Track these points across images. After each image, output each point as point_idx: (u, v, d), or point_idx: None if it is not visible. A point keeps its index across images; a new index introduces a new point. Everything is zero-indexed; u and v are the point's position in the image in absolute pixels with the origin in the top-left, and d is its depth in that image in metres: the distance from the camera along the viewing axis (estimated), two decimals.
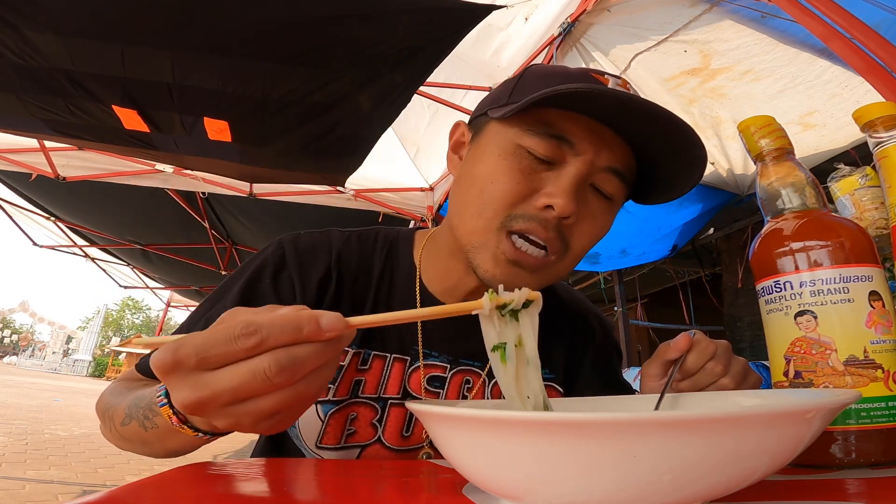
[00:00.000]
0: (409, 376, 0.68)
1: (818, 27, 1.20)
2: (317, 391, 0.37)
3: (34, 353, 50.38)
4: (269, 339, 0.33)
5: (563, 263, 0.62)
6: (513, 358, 0.37)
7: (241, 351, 0.33)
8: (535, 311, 0.39)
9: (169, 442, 0.49)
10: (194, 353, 0.33)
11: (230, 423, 0.36)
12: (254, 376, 0.33)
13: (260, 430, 0.37)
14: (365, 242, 0.73)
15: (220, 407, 0.34)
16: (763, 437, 0.26)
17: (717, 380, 0.55)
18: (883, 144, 0.51)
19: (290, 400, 0.35)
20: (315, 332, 0.34)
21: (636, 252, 3.41)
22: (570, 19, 2.13)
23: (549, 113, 0.57)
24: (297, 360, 0.34)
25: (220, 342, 0.33)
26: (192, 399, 0.34)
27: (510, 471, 0.28)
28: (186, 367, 0.33)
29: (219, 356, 0.33)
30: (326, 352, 0.35)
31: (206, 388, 0.33)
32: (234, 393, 0.33)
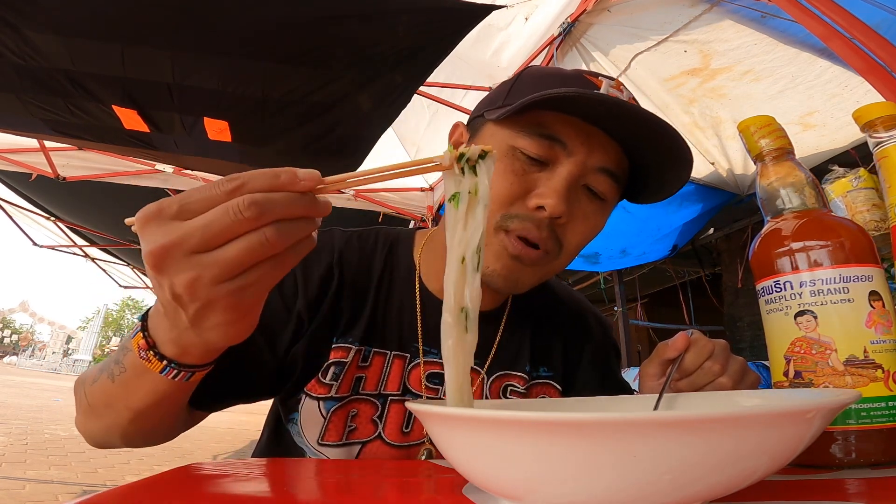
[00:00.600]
0: (409, 373, 0.68)
1: (818, 27, 1.21)
2: (284, 247, 0.36)
3: (34, 353, 50.39)
4: (248, 182, 0.34)
5: (559, 261, 0.63)
6: (464, 199, 0.39)
7: (221, 194, 0.34)
8: (490, 163, 0.40)
9: (134, 393, 0.47)
10: (177, 200, 0.34)
11: (191, 278, 0.35)
12: (226, 211, 0.33)
13: (221, 299, 0.36)
14: (365, 242, 0.74)
15: (185, 254, 0.34)
16: (763, 437, 0.26)
17: (714, 379, 0.56)
18: (883, 144, 0.51)
19: (257, 248, 0.34)
20: (291, 180, 0.35)
21: (636, 252, 3.41)
22: (570, 19, 2.13)
23: (543, 115, 0.58)
24: (270, 200, 0.34)
25: (203, 189, 0.34)
26: (161, 242, 0.34)
27: (510, 471, 0.28)
28: (167, 213, 0.34)
29: (199, 201, 0.34)
30: (300, 203, 0.36)
31: (177, 230, 0.34)
32: (203, 231, 0.34)
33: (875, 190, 1.94)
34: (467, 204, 0.39)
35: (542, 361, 0.76)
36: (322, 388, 0.65)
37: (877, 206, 1.91)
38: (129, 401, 0.48)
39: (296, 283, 0.67)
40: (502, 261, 0.60)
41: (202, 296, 0.36)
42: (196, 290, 0.35)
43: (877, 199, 1.92)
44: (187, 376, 0.44)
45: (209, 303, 0.36)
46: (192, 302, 0.36)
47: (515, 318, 0.76)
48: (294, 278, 0.67)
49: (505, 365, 0.73)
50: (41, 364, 42.56)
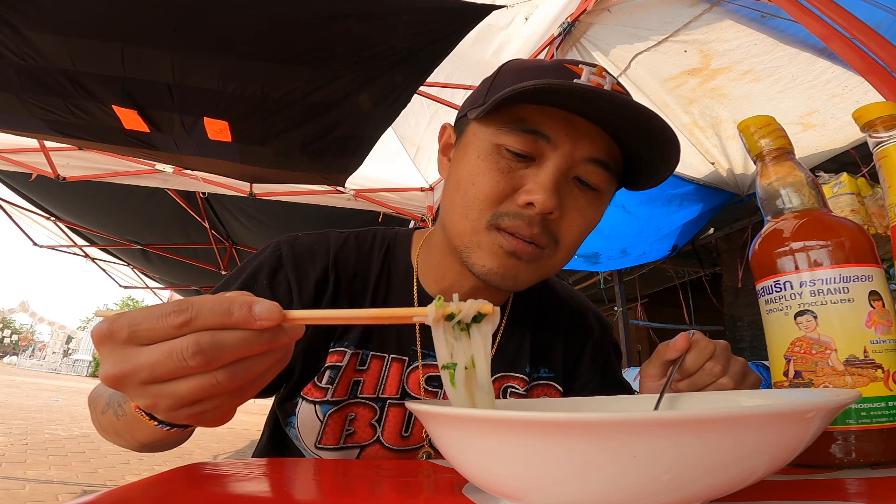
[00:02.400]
0: (408, 376, 0.68)
1: (818, 27, 1.20)
2: (241, 386, 0.34)
3: (34, 353, 50.35)
4: (196, 318, 0.32)
5: (557, 257, 0.61)
6: (461, 382, 0.34)
7: (168, 328, 0.32)
8: (487, 329, 0.36)
9: (137, 433, 0.48)
10: (127, 326, 0.33)
11: (148, 404, 0.35)
12: (170, 355, 0.32)
13: (181, 419, 0.36)
14: (362, 243, 0.73)
15: (138, 384, 0.33)
16: (763, 437, 0.26)
17: (715, 380, 0.55)
18: (883, 144, 0.51)
19: (208, 388, 0.33)
20: (246, 318, 0.32)
21: (636, 252, 3.41)
22: (570, 19, 2.13)
23: (524, 109, 0.57)
24: (219, 345, 0.32)
25: (151, 317, 0.33)
26: (113, 372, 0.33)
27: (510, 471, 0.28)
28: (118, 338, 0.33)
29: (147, 331, 0.33)
30: (257, 342, 0.33)
31: (126, 362, 0.33)
32: (151, 370, 0.32)
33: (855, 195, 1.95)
34: (464, 382, 0.34)
35: (543, 362, 0.76)
36: (318, 391, 0.65)
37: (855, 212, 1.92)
38: (136, 436, 0.49)
39: (290, 290, 0.66)
40: (498, 259, 0.59)
41: (162, 415, 0.35)
42: (156, 411, 0.35)
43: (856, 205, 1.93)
44: (181, 429, 0.44)
45: (172, 418, 0.36)
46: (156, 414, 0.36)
47: (515, 318, 0.76)
48: (288, 284, 0.66)
49: (505, 366, 0.73)
50: (41, 364, 42.54)
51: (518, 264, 0.59)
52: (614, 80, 0.58)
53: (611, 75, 0.59)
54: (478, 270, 0.60)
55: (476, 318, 0.35)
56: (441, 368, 0.36)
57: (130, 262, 5.78)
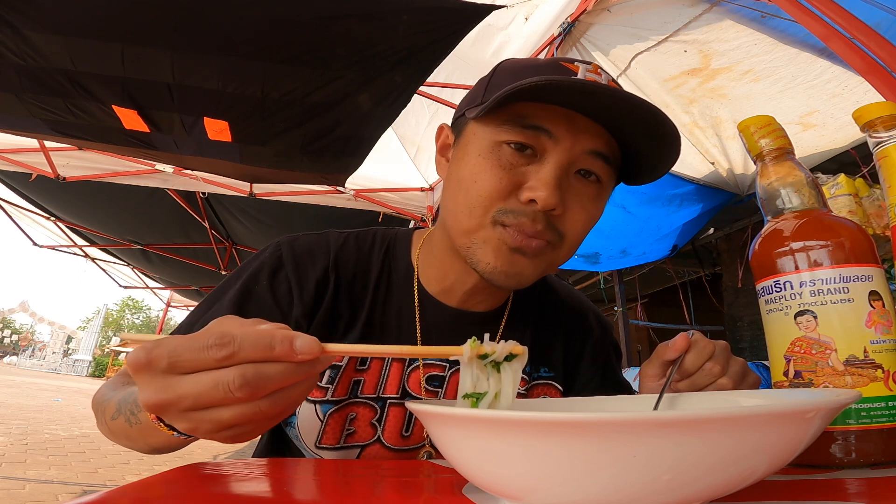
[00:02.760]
0: (408, 376, 0.68)
1: (818, 27, 1.20)
2: (281, 411, 0.36)
3: (34, 353, 50.34)
4: (239, 352, 0.33)
5: (561, 251, 0.61)
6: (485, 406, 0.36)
7: (211, 360, 0.33)
8: (518, 367, 0.38)
9: (151, 439, 0.49)
10: (166, 356, 0.34)
11: (189, 428, 0.36)
12: (216, 386, 0.33)
13: (219, 439, 0.38)
14: (362, 243, 0.73)
15: (180, 411, 0.35)
16: (763, 437, 0.26)
17: (715, 380, 0.55)
18: (883, 144, 0.51)
19: (250, 415, 0.35)
20: (287, 353, 0.34)
21: (636, 252, 3.41)
22: (570, 19, 2.13)
23: (523, 107, 0.57)
24: (263, 378, 0.34)
25: (193, 349, 0.34)
26: (154, 400, 0.34)
27: (510, 471, 0.28)
28: (157, 368, 0.34)
29: (189, 362, 0.34)
30: (297, 374, 0.35)
31: (169, 390, 0.34)
32: (195, 399, 0.34)
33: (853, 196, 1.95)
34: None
35: (543, 361, 0.76)
36: (318, 391, 0.65)
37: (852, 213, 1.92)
38: (148, 441, 0.50)
39: (291, 292, 0.66)
40: (502, 255, 0.58)
41: (201, 436, 0.38)
42: (196, 434, 0.37)
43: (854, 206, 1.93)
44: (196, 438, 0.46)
45: (209, 438, 0.38)
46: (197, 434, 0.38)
47: (515, 317, 0.76)
48: (289, 286, 0.66)
49: None
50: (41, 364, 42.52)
51: (522, 260, 0.59)
52: (610, 77, 0.58)
53: (606, 72, 0.59)
54: (482, 269, 0.60)
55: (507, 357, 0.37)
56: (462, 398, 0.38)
57: (130, 262, 5.78)
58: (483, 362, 0.37)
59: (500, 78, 0.61)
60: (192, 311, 0.69)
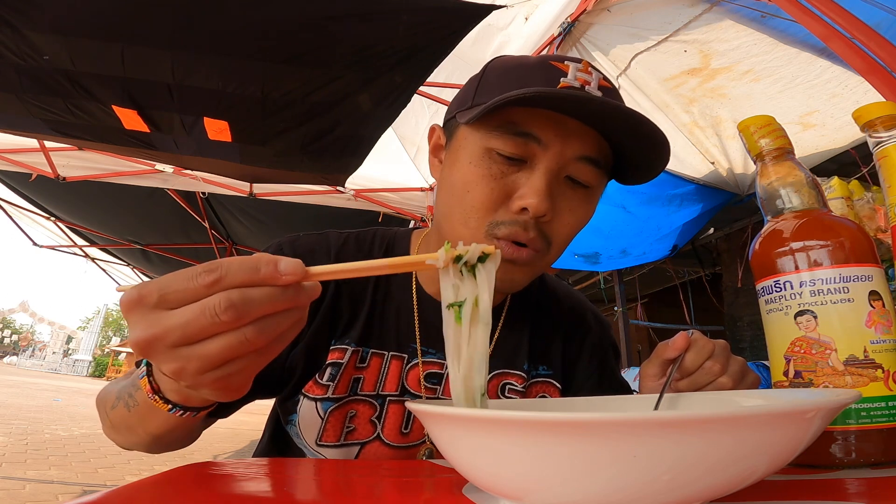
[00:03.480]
0: (407, 373, 0.68)
1: (818, 27, 1.20)
2: (268, 343, 0.36)
3: (34, 353, 50.35)
4: (226, 276, 0.33)
5: (549, 256, 0.62)
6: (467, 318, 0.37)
7: (199, 287, 0.33)
8: (491, 268, 0.38)
9: (149, 423, 0.49)
10: (156, 289, 0.34)
11: (176, 368, 0.35)
12: (202, 311, 0.33)
13: (206, 384, 0.36)
14: (362, 243, 0.74)
15: (167, 347, 0.34)
16: (763, 437, 0.26)
17: (715, 379, 0.55)
18: (883, 144, 0.51)
19: (237, 346, 0.34)
20: (272, 273, 0.34)
21: (636, 252, 3.41)
22: (570, 19, 2.13)
23: (513, 112, 0.57)
24: (248, 300, 0.33)
25: (181, 279, 0.34)
26: (144, 335, 0.34)
27: (510, 471, 0.28)
28: (148, 302, 0.34)
29: (178, 292, 0.33)
30: (282, 298, 0.35)
31: (158, 323, 0.34)
32: (182, 329, 0.33)
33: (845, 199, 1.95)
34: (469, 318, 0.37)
35: (541, 360, 0.76)
36: (319, 388, 0.65)
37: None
38: (147, 427, 0.50)
39: None
40: None
41: (189, 380, 0.36)
42: (181, 376, 0.36)
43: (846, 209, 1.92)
44: (193, 414, 0.46)
45: (197, 384, 0.37)
46: (181, 381, 0.37)
47: (513, 316, 0.76)
48: None
49: (503, 363, 0.73)
50: (41, 364, 42.54)
51: (514, 269, 0.60)
52: (601, 76, 0.58)
53: (597, 70, 0.59)
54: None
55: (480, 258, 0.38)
56: (446, 308, 0.38)
57: (130, 262, 5.78)
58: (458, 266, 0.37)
59: (490, 79, 0.61)
60: None
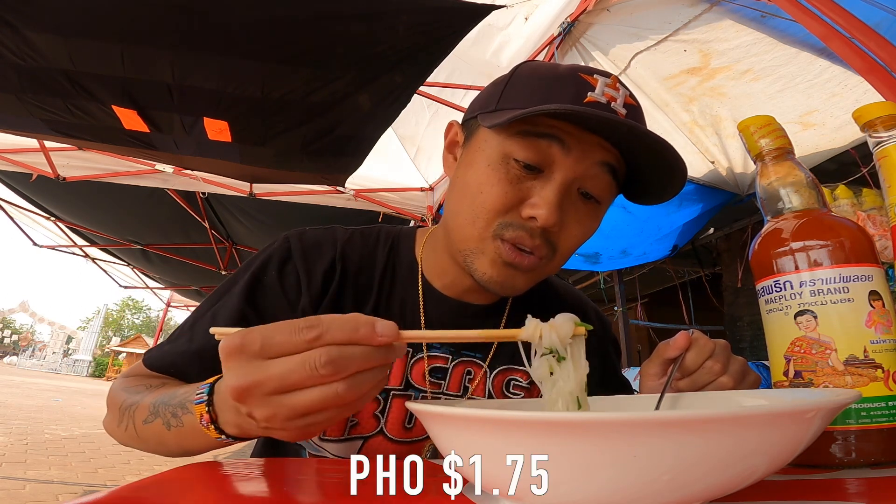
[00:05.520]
0: (412, 367, 0.69)
1: (818, 27, 1.20)
2: (357, 398, 0.38)
3: (34, 353, 50.34)
4: (327, 332, 0.36)
5: (552, 264, 0.63)
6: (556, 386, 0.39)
7: (300, 342, 0.35)
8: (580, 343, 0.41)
9: (188, 443, 0.50)
10: (259, 339, 0.36)
11: (268, 414, 0.37)
12: (303, 364, 0.35)
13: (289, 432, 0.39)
14: (367, 239, 0.74)
15: (264, 394, 0.36)
16: (763, 437, 0.26)
17: (715, 378, 0.55)
18: (883, 144, 0.51)
19: (329, 399, 0.36)
20: (370, 334, 0.36)
21: (637, 252, 3.41)
22: (569, 19, 2.13)
23: (537, 119, 0.58)
24: (346, 357, 0.36)
25: (285, 331, 0.36)
26: (242, 382, 0.36)
27: (510, 471, 0.28)
28: (250, 351, 0.36)
29: (280, 344, 0.36)
30: (375, 357, 0.37)
31: (258, 372, 0.36)
32: (281, 379, 0.36)
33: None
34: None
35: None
36: None
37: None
38: (184, 446, 0.52)
39: (299, 281, 0.67)
40: (497, 268, 0.61)
41: (275, 426, 0.39)
42: (270, 421, 0.38)
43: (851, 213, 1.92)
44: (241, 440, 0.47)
45: (280, 429, 0.39)
46: (265, 427, 0.39)
47: (516, 313, 0.76)
48: (297, 276, 0.67)
49: (507, 359, 0.73)
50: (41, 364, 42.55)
51: (516, 274, 0.61)
52: (627, 93, 0.59)
53: (624, 87, 0.59)
54: (478, 277, 0.62)
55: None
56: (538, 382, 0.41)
57: (130, 262, 5.78)
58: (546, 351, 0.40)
59: (517, 86, 0.61)
60: (204, 301, 0.69)
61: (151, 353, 0.66)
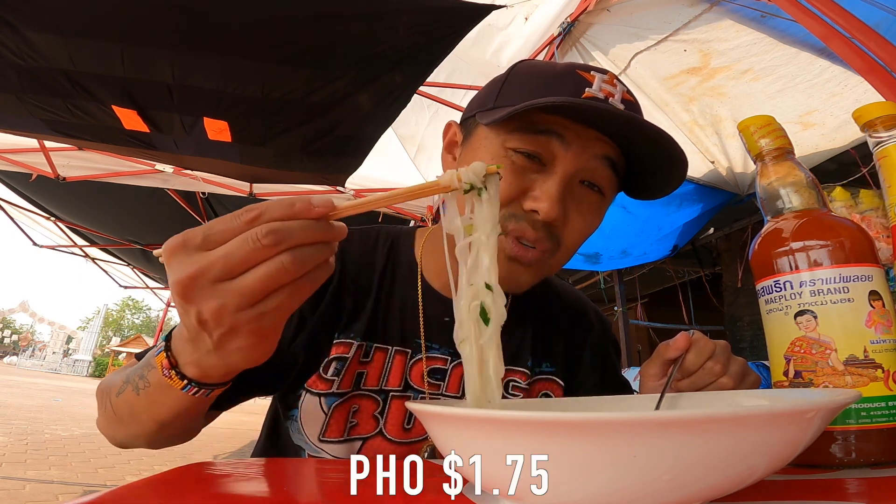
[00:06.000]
0: (411, 369, 0.68)
1: (818, 27, 1.20)
2: (303, 274, 0.38)
3: (34, 353, 50.35)
4: (265, 212, 0.36)
5: (556, 258, 0.63)
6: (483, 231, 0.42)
7: (241, 224, 0.36)
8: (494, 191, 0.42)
9: (158, 407, 0.49)
10: (201, 231, 0.36)
11: (216, 307, 0.36)
12: (245, 241, 0.35)
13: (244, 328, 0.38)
14: (367, 239, 0.74)
15: (210, 282, 0.36)
16: (763, 437, 0.26)
17: (716, 379, 0.55)
18: (883, 144, 0.51)
19: (275, 273, 0.36)
20: (306, 208, 0.37)
21: (637, 252, 3.41)
22: (569, 19, 2.13)
23: (536, 115, 0.58)
24: (287, 228, 0.36)
25: (224, 220, 0.37)
26: (187, 272, 0.36)
27: (510, 471, 0.28)
28: (192, 244, 0.36)
29: (223, 231, 0.36)
30: (316, 231, 0.37)
31: (202, 259, 0.36)
32: (225, 261, 0.35)
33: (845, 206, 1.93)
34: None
35: (545, 356, 0.76)
36: (323, 383, 0.65)
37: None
38: (153, 413, 0.50)
39: None
40: (500, 263, 0.60)
41: (226, 322, 0.37)
42: (220, 317, 0.37)
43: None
44: (207, 393, 0.46)
45: (232, 329, 0.38)
46: (216, 328, 0.38)
47: (516, 313, 0.76)
48: None
49: (507, 360, 0.73)
50: (41, 364, 42.54)
51: (519, 269, 0.61)
52: (625, 89, 0.59)
53: (621, 83, 0.59)
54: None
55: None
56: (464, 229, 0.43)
57: (130, 262, 5.78)
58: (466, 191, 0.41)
59: (515, 84, 0.62)
60: None
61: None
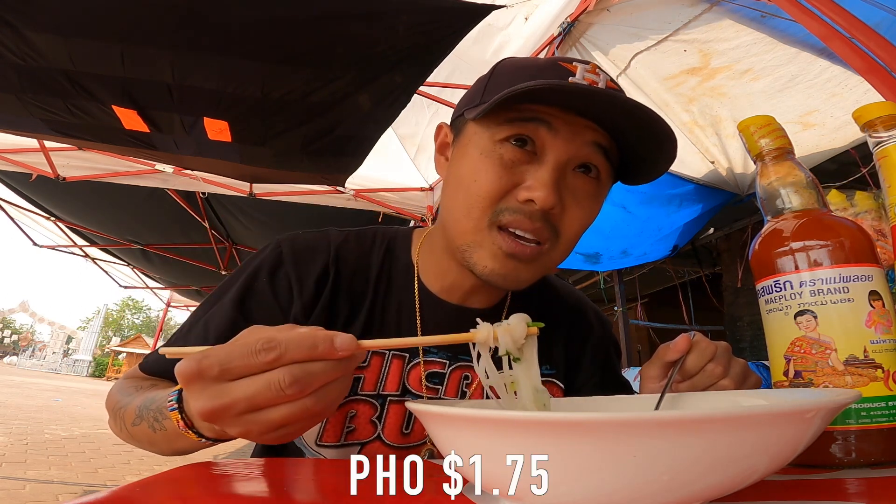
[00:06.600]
0: (408, 373, 0.68)
1: (818, 27, 1.20)
2: (325, 408, 0.39)
3: (34, 353, 50.35)
4: (286, 353, 0.36)
5: (557, 251, 0.62)
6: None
7: (260, 364, 0.36)
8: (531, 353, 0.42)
9: (175, 443, 0.51)
10: (217, 364, 0.36)
11: (241, 431, 0.38)
12: (268, 387, 0.36)
13: (266, 441, 0.39)
14: (362, 241, 0.73)
15: (234, 416, 0.37)
16: (763, 437, 0.26)
17: (716, 381, 0.55)
18: (883, 144, 0.51)
19: (299, 413, 0.37)
20: (329, 351, 0.37)
21: (637, 252, 3.41)
22: (569, 19, 2.13)
23: (521, 107, 0.57)
24: (310, 375, 0.36)
25: (242, 355, 0.36)
26: (209, 407, 0.36)
27: (510, 471, 0.28)
28: (208, 376, 0.36)
29: (240, 368, 0.36)
30: (337, 369, 0.38)
31: (224, 396, 0.36)
32: (248, 402, 0.36)
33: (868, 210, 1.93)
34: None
35: (544, 359, 0.76)
36: None
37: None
38: (172, 447, 0.53)
39: (291, 287, 0.66)
40: (498, 260, 0.59)
41: (251, 438, 0.40)
42: (245, 436, 0.39)
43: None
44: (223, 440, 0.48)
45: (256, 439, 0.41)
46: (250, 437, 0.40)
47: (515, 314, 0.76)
48: (289, 283, 0.66)
49: None
50: (41, 364, 42.54)
51: (518, 265, 0.59)
52: (608, 78, 0.58)
53: (604, 72, 0.59)
54: (479, 271, 0.60)
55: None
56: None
57: (130, 262, 5.78)
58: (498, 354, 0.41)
59: (499, 78, 0.61)
60: (195, 310, 0.69)
61: (148, 359, 0.66)
